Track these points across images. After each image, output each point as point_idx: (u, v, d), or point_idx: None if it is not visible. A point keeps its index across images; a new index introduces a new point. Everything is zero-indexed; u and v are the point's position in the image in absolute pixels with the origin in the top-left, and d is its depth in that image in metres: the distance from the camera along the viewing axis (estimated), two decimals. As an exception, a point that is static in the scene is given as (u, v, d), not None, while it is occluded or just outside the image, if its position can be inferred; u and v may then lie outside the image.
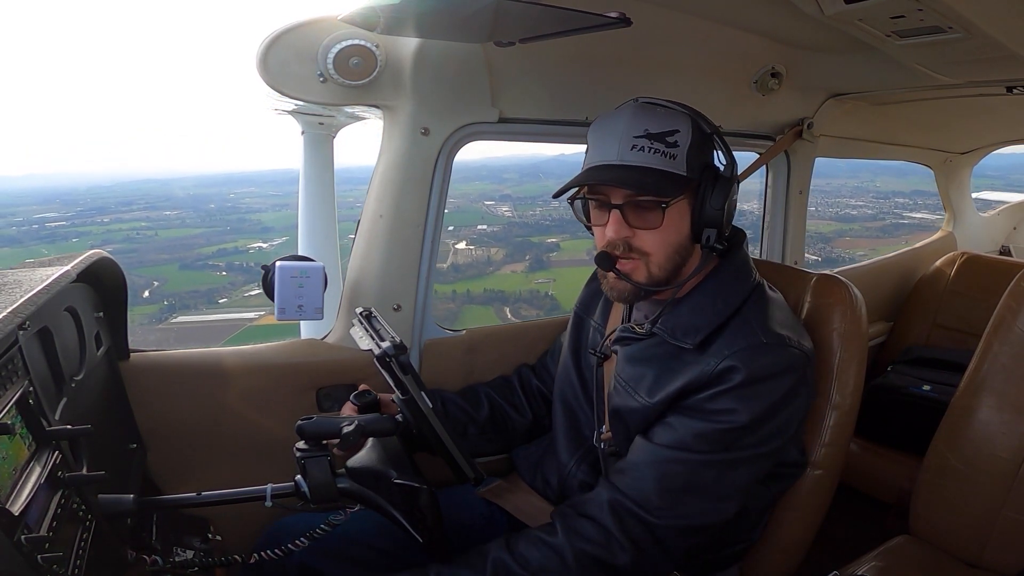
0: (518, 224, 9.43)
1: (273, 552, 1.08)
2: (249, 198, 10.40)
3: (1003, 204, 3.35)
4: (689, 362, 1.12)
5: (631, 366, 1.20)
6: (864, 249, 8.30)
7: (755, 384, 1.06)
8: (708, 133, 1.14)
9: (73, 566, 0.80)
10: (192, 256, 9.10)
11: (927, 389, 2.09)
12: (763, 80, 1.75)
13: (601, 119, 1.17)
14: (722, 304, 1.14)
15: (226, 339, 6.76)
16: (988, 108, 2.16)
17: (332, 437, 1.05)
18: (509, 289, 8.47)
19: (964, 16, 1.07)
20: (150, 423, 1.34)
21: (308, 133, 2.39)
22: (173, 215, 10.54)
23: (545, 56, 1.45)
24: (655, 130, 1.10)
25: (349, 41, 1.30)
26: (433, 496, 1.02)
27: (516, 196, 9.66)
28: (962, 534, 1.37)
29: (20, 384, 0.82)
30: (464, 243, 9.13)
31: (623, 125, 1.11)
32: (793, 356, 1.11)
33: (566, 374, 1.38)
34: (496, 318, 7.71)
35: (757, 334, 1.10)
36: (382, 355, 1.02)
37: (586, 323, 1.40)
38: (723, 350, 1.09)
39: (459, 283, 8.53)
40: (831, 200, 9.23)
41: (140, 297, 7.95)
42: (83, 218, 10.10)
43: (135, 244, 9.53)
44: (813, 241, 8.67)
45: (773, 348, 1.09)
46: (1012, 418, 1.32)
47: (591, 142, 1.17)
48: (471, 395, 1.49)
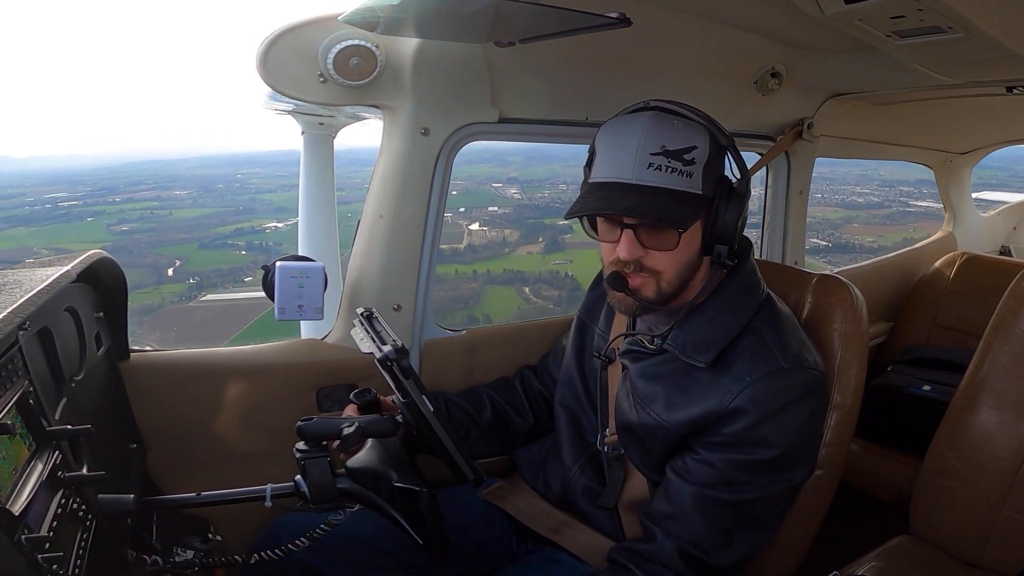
0: (529, 206, 9.51)
1: (273, 552, 1.08)
2: (257, 179, 10.46)
3: (1003, 204, 3.35)
4: (705, 382, 1.12)
5: (644, 382, 1.19)
6: (872, 236, 8.37)
7: (781, 412, 1.07)
8: (724, 146, 1.12)
9: (73, 566, 0.80)
10: (210, 236, 9.18)
11: (927, 389, 2.09)
12: (763, 80, 1.75)
13: (614, 126, 1.11)
14: (732, 318, 1.13)
15: (257, 317, 6.77)
16: (988, 108, 2.16)
17: (332, 438, 1.04)
18: (528, 270, 8.57)
19: (964, 16, 1.07)
20: (150, 423, 1.34)
21: (308, 133, 2.39)
22: (184, 195, 10.61)
23: (545, 56, 1.45)
24: (673, 147, 1.05)
25: (349, 41, 1.30)
26: (433, 498, 1.02)
27: (523, 179, 9.71)
28: (962, 534, 1.37)
29: (20, 384, 0.82)
30: (477, 224, 9.21)
31: (639, 139, 1.06)
32: (812, 378, 1.11)
33: (569, 379, 1.38)
34: (518, 298, 7.82)
35: (776, 357, 1.09)
36: (383, 359, 1.02)
37: (590, 329, 1.39)
38: (744, 376, 1.08)
39: (478, 263, 8.62)
40: (837, 187, 9.23)
41: (164, 275, 8.08)
42: (94, 198, 10.18)
43: (150, 223, 9.62)
44: (821, 227, 8.66)
45: (794, 372, 1.09)
46: (1012, 418, 1.32)
47: (602, 149, 1.11)
48: (473, 397, 1.48)
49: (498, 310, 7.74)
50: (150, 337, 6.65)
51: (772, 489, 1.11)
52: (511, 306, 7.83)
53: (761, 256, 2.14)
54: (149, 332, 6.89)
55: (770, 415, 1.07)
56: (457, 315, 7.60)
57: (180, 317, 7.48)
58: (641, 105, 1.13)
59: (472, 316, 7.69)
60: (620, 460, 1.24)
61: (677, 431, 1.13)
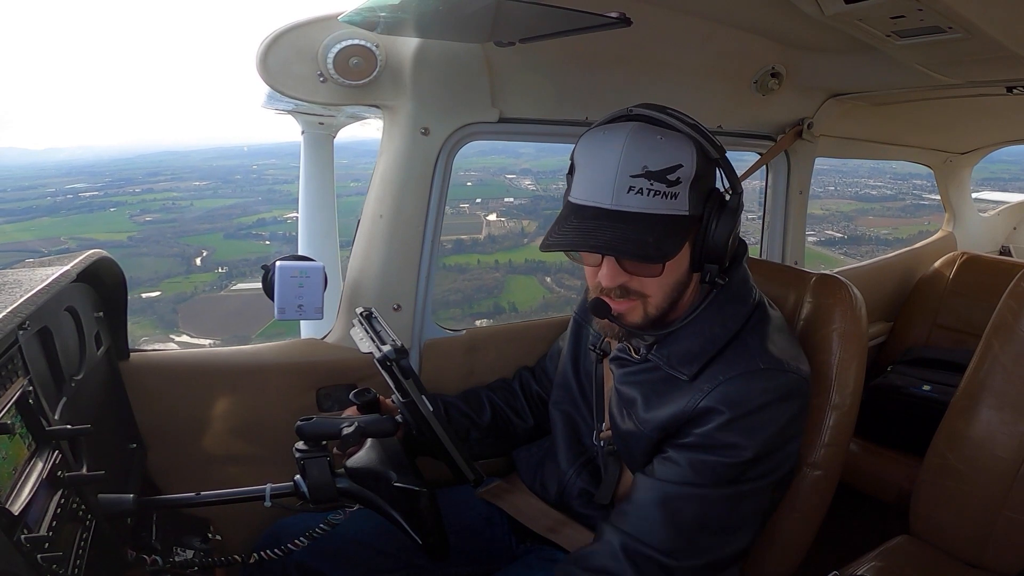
0: (544, 197, 9.58)
1: (273, 552, 1.08)
2: (272, 170, 10.52)
3: (1003, 204, 3.35)
4: (682, 388, 1.07)
5: (626, 388, 1.15)
6: (887, 228, 8.30)
7: (755, 414, 1.02)
8: (713, 159, 1.03)
9: (73, 566, 0.81)
10: (233, 226, 9.19)
11: (927, 389, 2.09)
12: (763, 80, 1.75)
13: (593, 139, 1.02)
14: (720, 329, 1.08)
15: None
16: (988, 108, 2.16)
17: (332, 438, 1.05)
18: (549, 260, 8.61)
19: (964, 16, 1.07)
20: (150, 423, 1.34)
21: (308, 133, 2.39)
22: (203, 185, 10.66)
23: (545, 56, 1.45)
24: (655, 167, 0.97)
25: (349, 41, 1.30)
26: (433, 499, 1.02)
27: (536, 170, 9.78)
28: (962, 534, 1.37)
29: (20, 384, 0.82)
30: (495, 215, 9.22)
31: (618, 159, 0.97)
32: (791, 381, 1.05)
33: (565, 381, 1.37)
34: (540, 287, 7.81)
35: (755, 358, 1.04)
36: (383, 358, 1.02)
37: (585, 330, 1.39)
38: (717, 375, 1.03)
39: (498, 253, 8.59)
40: (849, 180, 9.20)
41: (193, 265, 8.12)
42: (114, 188, 10.26)
43: (172, 214, 9.69)
44: (835, 220, 8.64)
45: (771, 373, 1.04)
46: (1012, 418, 1.32)
47: (581, 165, 1.03)
48: (473, 399, 1.48)
49: (523, 299, 7.73)
50: (187, 326, 6.67)
51: (740, 492, 1.04)
52: (535, 295, 7.82)
53: (761, 256, 2.14)
54: (186, 321, 6.87)
55: (743, 416, 1.01)
56: (483, 303, 7.61)
57: (214, 305, 7.60)
58: (623, 113, 1.05)
59: (498, 305, 7.69)
60: (615, 456, 1.23)
61: (654, 435, 1.09)
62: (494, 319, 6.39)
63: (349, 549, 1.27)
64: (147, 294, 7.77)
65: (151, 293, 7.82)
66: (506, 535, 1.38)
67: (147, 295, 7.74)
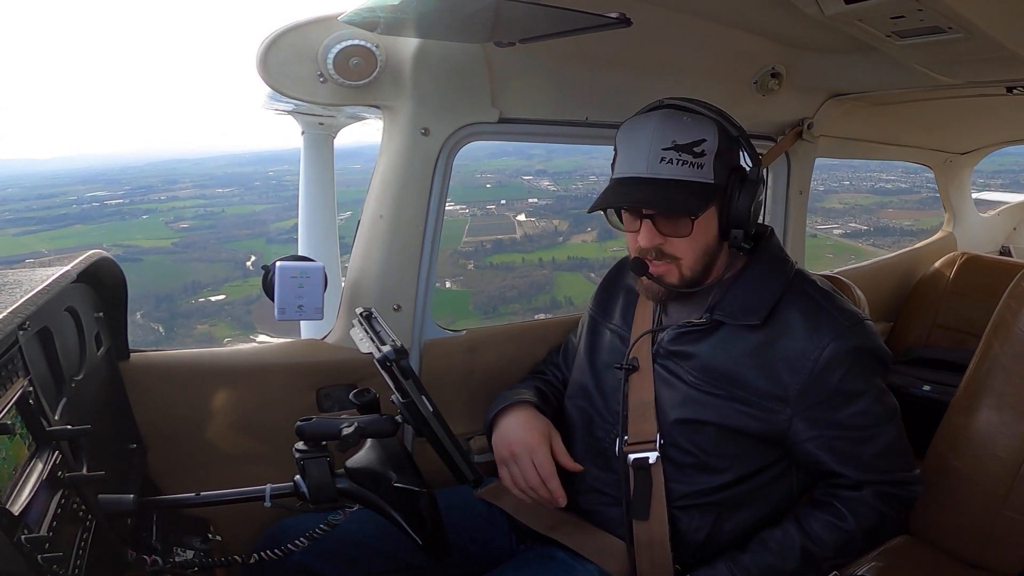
0: (568, 197, 9.87)
1: (273, 552, 1.08)
2: (289, 176, 10.61)
3: (1003, 204, 3.35)
4: (756, 333, 1.19)
5: (690, 347, 1.22)
6: (909, 220, 8.58)
7: (866, 357, 1.21)
8: (734, 136, 1.19)
9: (73, 566, 0.81)
10: (272, 231, 9.36)
11: (927, 389, 2.08)
12: (763, 80, 1.75)
13: (630, 125, 1.20)
14: (773, 284, 1.22)
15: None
16: (988, 108, 2.16)
17: (332, 438, 1.04)
18: (590, 256, 8.97)
19: (964, 16, 1.07)
20: (150, 423, 1.34)
21: (308, 133, 2.39)
22: (228, 192, 10.75)
23: (545, 56, 1.45)
24: (683, 141, 1.14)
25: (349, 41, 1.30)
26: (433, 499, 1.02)
27: (552, 171, 9.93)
28: (962, 534, 1.37)
29: (20, 384, 0.82)
30: (523, 215, 9.62)
31: (651, 136, 1.15)
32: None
33: (581, 378, 1.37)
34: (586, 282, 8.09)
35: (851, 316, 1.20)
36: (383, 359, 1.02)
37: (602, 328, 1.38)
38: (822, 336, 1.16)
39: (540, 252, 9.09)
40: (862, 174, 9.30)
41: (247, 269, 8.36)
42: (137, 195, 10.38)
43: (208, 221, 9.85)
44: (856, 213, 8.98)
45: (864, 324, 1.21)
46: (1012, 418, 1.32)
47: (620, 148, 1.21)
48: (544, 387, 1.46)
49: (574, 293, 8.20)
50: (263, 327, 6.74)
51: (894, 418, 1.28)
52: (584, 290, 8.08)
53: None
54: (260, 322, 6.99)
55: (854, 364, 1.18)
56: (539, 298, 8.17)
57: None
58: (656, 104, 1.21)
59: (555, 300, 8.24)
60: (646, 470, 1.21)
61: (760, 400, 1.18)
62: (552, 313, 6.56)
63: (349, 549, 1.27)
64: (214, 297, 8.05)
65: (217, 296, 8.09)
66: (506, 535, 1.38)
67: (215, 298, 8.02)
